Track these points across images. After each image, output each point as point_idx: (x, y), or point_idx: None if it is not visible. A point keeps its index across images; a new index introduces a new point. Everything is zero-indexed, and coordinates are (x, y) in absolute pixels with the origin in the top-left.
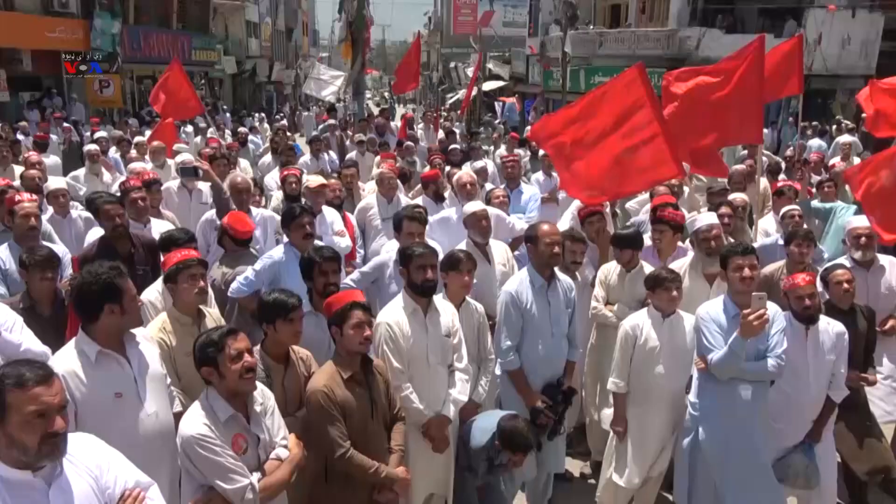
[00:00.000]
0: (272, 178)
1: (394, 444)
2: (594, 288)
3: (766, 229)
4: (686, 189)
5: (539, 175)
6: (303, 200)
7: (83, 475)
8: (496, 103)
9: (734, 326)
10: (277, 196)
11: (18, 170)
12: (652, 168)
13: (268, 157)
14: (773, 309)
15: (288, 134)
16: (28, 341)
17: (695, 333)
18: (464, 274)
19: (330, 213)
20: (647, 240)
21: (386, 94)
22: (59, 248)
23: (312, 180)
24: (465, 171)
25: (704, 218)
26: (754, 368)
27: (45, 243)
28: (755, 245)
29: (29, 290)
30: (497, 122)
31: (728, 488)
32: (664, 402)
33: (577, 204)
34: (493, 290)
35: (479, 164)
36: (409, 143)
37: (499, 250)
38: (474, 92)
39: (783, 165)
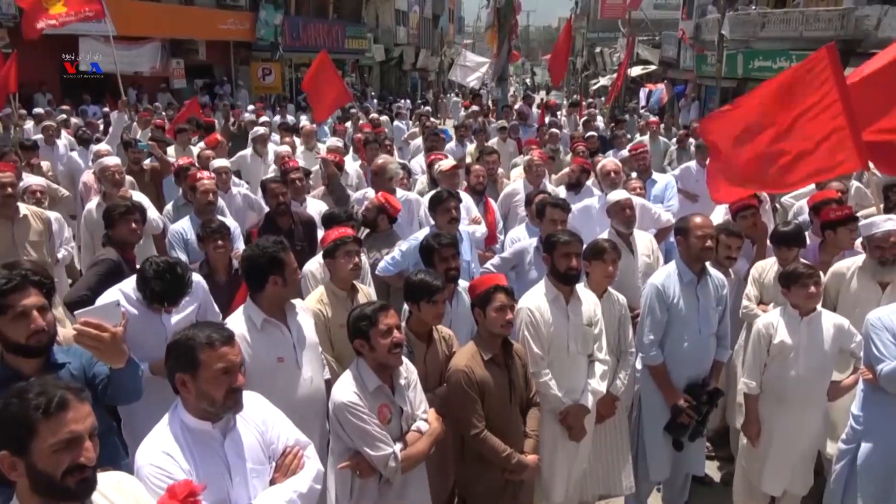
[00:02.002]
0: (418, 163)
1: (529, 429)
2: (747, 286)
3: None
4: (854, 184)
5: (693, 164)
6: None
7: (252, 430)
8: (642, 90)
9: None
10: (422, 180)
11: (193, 150)
12: (830, 159)
13: (419, 141)
14: None
15: (433, 120)
16: None
17: (837, 334)
18: (608, 264)
19: (466, 199)
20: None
21: (528, 81)
22: (230, 222)
23: (445, 164)
24: (610, 160)
25: (882, 222)
26: None
27: (218, 217)
28: None
29: (207, 258)
30: (642, 109)
31: None
32: (802, 407)
33: None
34: (636, 281)
35: (624, 153)
36: (554, 130)
37: (643, 241)
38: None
39: None
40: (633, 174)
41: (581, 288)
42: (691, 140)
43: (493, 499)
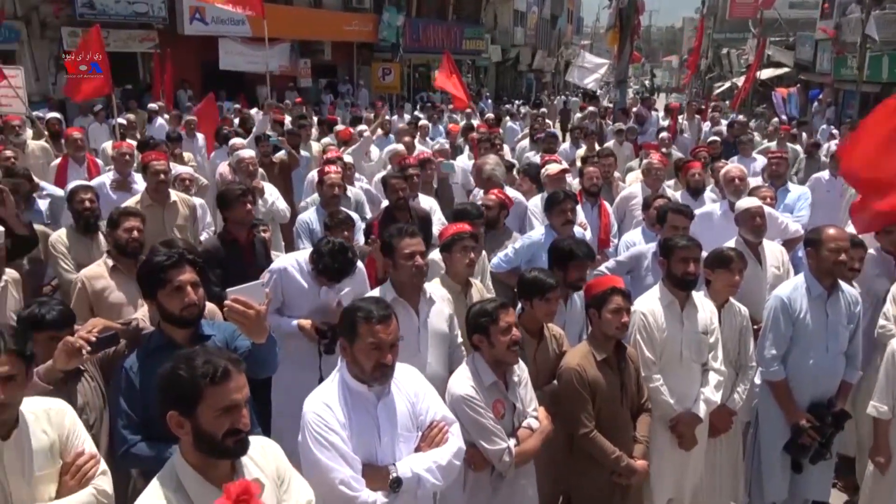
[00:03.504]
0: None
1: (639, 434)
2: (885, 304)
3: None
4: None
5: (825, 174)
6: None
7: (404, 399)
8: (773, 94)
9: None
10: None
11: (314, 146)
12: None
13: (525, 143)
14: None
15: (548, 122)
16: None
17: None
18: (734, 273)
19: None
20: None
21: (646, 83)
22: (355, 215)
23: (552, 168)
24: (734, 165)
25: None
26: None
27: (342, 208)
28: None
29: None
30: (783, 114)
31: None
32: None
33: None
34: (762, 293)
35: (757, 161)
36: (664, 134)
37: (773, 251)
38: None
39: None
40: (768, 182)
41: (699, 295)
42: (830, 144)
43: (600, 501)
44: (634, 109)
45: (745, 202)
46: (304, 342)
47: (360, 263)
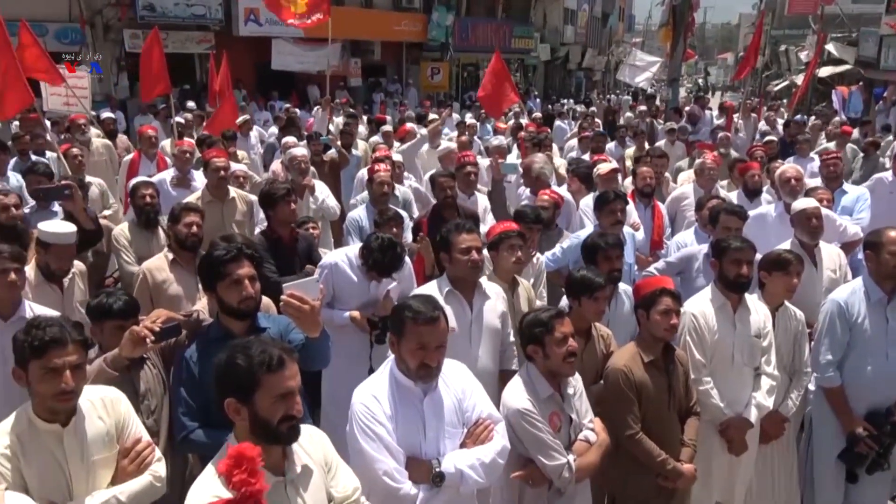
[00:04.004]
0: None
1: (687, 437)
2: None
3: None
4: None
5: (888, 174)
6: None
7: (451, 395)
8: (833, 92)
9: None
10: None
11: (361, 145)
12: None
13: (573, 142)
14: None
15: (597, 121)
16: None
17: None
18: (791, 276)
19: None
20: None
21: (700, 81)
22: (403, 212)
23: (603, 167)
24: (791, 166)
25: None
26: None
27: (391, 206)
28: None
29: None
30: (842, 114)
31: None
32: None
33: None
34: (817, 297)
35: (815, 162)
36: (724, 133)
37: (830, 255)
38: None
39: None
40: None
41: (752, 298)
42: (895, 144)
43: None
44: (687, 108)
45: (802, 203)
46: (356, 334)
47: (407, 260)
